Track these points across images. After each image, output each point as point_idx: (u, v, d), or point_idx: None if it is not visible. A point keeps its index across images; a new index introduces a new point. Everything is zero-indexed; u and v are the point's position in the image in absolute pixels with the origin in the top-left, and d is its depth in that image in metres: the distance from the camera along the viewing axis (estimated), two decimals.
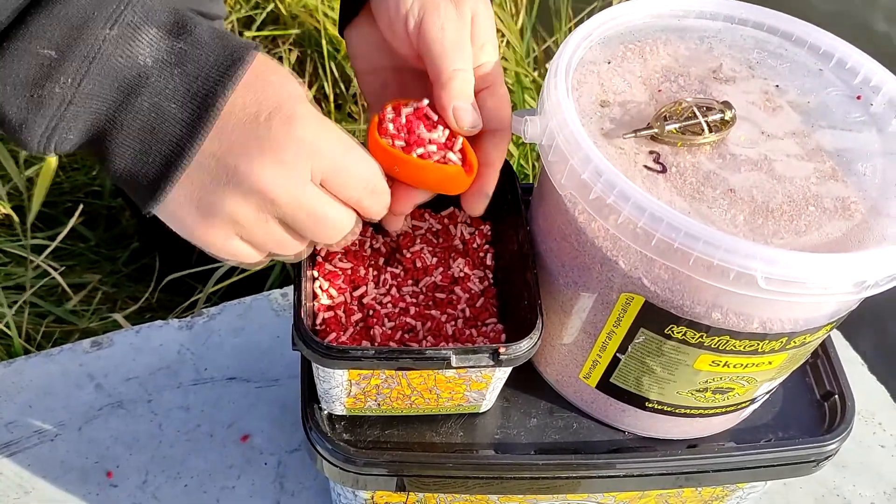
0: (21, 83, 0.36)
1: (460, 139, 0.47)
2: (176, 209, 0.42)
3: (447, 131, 0.47)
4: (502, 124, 0.49)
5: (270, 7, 1.28)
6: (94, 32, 0.37)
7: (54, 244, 1.00)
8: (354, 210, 0.46)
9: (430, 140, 0.46)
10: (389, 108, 0.47)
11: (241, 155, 0.40)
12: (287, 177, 0.41)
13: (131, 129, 0.39)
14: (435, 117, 0.47)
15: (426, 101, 0.48)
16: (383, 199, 0.47)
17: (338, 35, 1.21)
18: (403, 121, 0.46)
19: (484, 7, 0.49)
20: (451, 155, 0.46)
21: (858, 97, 0.53)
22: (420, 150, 0.46)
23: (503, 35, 1.21)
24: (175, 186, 0.40)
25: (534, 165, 1.16)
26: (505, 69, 1.14)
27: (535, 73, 1.24)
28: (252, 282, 1.05)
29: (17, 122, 0.37)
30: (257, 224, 0.43)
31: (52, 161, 0.96)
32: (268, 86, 0.41)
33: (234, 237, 0.43)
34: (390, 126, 0.46)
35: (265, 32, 1.28)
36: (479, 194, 0.50)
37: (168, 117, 0.39)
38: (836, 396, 0.58)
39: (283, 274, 1.06)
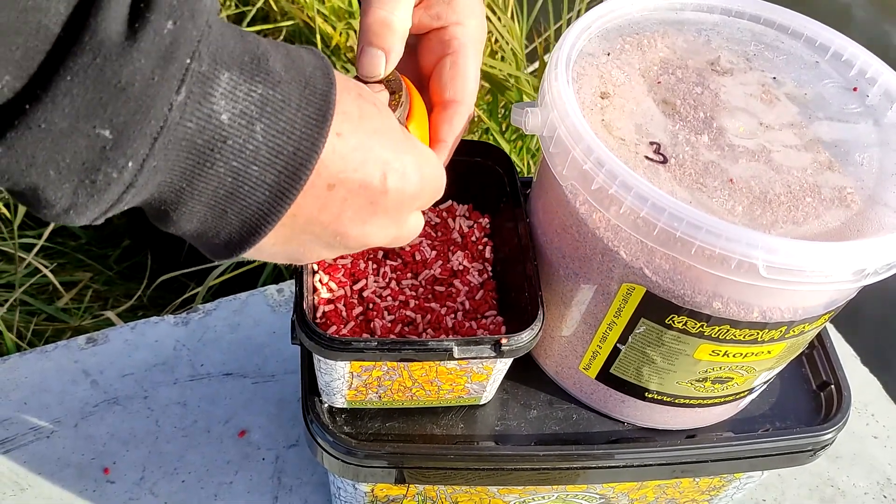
0: (68, 168, 0.29)
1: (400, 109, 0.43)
2: (256, 255, 0.37)
3: (391, 95, 0.43)
4: (456, 95, 0.45)
5: (260, 3, 1.27)
6: (159, 102, 0.28)
7: (41, 242, 0.99)
8: None
9: None
10: None
11: (354, 222, 0.36)
12: (396, 227, 0.39)
13: (203, 196, 0.32)
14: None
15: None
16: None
17: (330, 31, 1.21)
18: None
19: None
20: None
21: (855, 89, 0.53)
22: None
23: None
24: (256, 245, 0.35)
25: (528, 163, 1.17)
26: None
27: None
28: (246, 278, 1.05)
29: (63, 207, 0.30)
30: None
31: None
32: (369, 136, 0.35)
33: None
34: None
35: (256, 28, 1.28)
36: None
37: (249, 180, 0.32)
38: (832, 387, 0.59)
39: (276, 270, 1.06)
